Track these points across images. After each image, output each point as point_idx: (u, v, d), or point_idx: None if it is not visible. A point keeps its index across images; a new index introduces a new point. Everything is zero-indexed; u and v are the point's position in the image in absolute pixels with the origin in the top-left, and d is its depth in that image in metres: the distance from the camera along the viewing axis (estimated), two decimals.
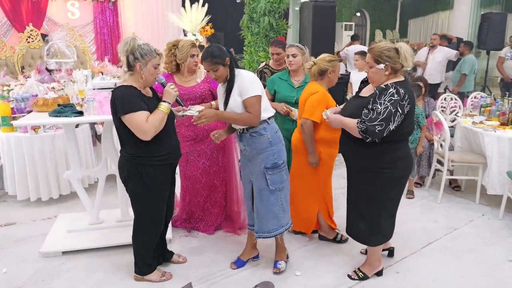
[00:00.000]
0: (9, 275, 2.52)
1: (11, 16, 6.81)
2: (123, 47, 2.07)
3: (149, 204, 2.26)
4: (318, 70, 2.58)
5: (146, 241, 2.35)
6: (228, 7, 9.36)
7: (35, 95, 3.64)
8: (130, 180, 2.21)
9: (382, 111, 2.01)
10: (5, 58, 6.14)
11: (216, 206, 3.01)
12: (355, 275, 2.44)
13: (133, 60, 2.08)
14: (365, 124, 2.03)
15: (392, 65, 2.08)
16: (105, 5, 7.61)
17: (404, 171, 2.23)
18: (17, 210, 3.47)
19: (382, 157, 2.15)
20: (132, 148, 2.14)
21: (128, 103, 2.05)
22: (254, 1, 4.74)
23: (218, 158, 2.94)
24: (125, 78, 2.15)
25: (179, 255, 2.64)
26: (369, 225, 2.31)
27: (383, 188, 2.22)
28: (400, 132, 2.10)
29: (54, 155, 3.52)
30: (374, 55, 2.10)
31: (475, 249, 2.80)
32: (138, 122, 2.04)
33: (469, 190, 3.82)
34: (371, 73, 2.15)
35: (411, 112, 2.11)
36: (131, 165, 2.17)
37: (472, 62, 5.97)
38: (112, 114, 2.14)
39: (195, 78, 2.86)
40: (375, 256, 2.43)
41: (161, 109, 2.13)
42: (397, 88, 2.03)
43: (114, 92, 2.11)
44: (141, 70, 2.09)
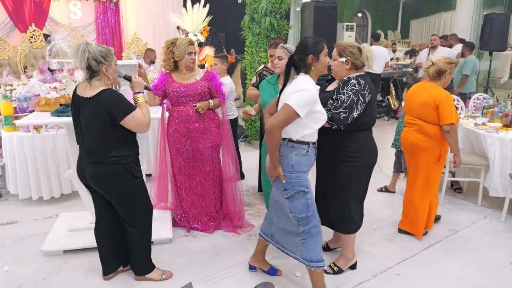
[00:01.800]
0: (11, 273, 2.53)
1: (14, 16, 6.83)
2: (82, 55, 1.98)
3: (144, 198, 2.30)
4: (437, 70, 2.77)
5: (149, 237, 2.38)
6: (229, 7, 9.37)
7: (37, 95, 3.65)
8: (121, 183, 2.16)
9: (345, 99, 2.19)
10: (7, 58, 6.16)
11: (212, 205, 3.02)
12: (330, 269, 2.49)
13: (97, 65, 2.03)
14: (330, 112, 2.18)
15: (353, 60, 2.26)
16: (106, 6, 7.63)
17: (370, 160, 2.38)
18: (19, 209, 3.48)
19: (348, 146, 2.29)
20: (122, 149, 2.13)
21: (124, 105, 2.07)
22: (255, 1, 4.74)
23: (212, 157, 2.95)
24: (94, 84, 2.05)
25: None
26: (340, 214, 2.40)
27: (351, 176, 2.33)
28: (362, 120, 2.25)
29: (55, 154, 3.53)
30: (339, 50, 2.30)
31: (477, 251, 2.80)
32: (140, 119, 2.10)
33: (471, 192, 3.81)
34: (334, 66, 2.33)
35: (372, 101, 2.26)
36: (120, 168, 2.13)
37: (474, 63, 5.95)
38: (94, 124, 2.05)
39: (194, 75, 2.88)
40: (348, 248, 2.50)
41: (142, 101, 2.20)
42: (358, 80, 2.23)
43: (102, 97, 2.02)
44: (107, 71, 2.07)
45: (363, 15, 13.95)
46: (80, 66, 2.04)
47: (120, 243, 2.39)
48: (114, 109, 2.03)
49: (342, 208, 2.39)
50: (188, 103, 2.83)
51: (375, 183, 4.07)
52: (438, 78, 2.81)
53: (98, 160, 2.11)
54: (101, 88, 2.06)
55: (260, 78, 3.22)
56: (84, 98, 2.07)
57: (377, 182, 4.09)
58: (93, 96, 2.04)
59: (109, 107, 2.02)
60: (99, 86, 2.07)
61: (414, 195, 2.92)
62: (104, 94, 2.04)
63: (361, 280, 2.46)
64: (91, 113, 2.06)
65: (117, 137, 2.11)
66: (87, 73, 2.06)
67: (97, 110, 2.04)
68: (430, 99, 2.75)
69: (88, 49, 2.00)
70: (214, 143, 2.93)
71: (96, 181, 2.17)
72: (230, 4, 9.28)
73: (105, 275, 2.42)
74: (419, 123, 2.85)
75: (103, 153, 2.10)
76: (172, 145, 2.92)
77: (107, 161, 2.11)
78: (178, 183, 3.01)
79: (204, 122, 2.88)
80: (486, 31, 6.94)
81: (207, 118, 2.90)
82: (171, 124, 2.90)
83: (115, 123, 2.06)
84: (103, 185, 2.18)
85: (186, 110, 2.84)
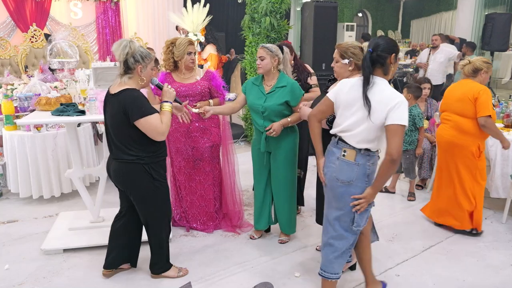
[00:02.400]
0: (11, 271, 2.53)
1: (15, 16, 6.84)
2: (123, 49, 2.04)
3: (161, 200, 2.29)
4: (473, 68, 2.84)
5: (165, 237, 2.39)
6: (229, 7, 9.36)
7: (38, 94, 3.66)
8: (138, 183, 2.18)
9: None
10: (9, 57, 6.17)
11: (211, 205, 3.02)
12: None
13: (134, 62, 2.07)
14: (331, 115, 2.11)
15: (356, 61, 2.21)
16: (107, 5, 7.63)
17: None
18: (19, 208, 3.49)
19: None
20: (138, 150, 2.14)
21: (143, 107, 2.07)
22: (255, 1, 4.74)
23: (212, 157, 2.95)
24: (123, 81, 2.11)
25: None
26: None
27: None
28: None
29: (56, 153, 3.53)
30: (341, 51, 2.24)
31: (477, 252, 2.79)
32: (155, 125, 2.08)
33: None
34: (336, 67, 2.29)
35: None
36: (138, 168, 2.15)
37: None
38: (114, 120, 2.10)
39: (194, 75, 2.88)
40: None
41: (166, 109, 2.18)
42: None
43: (120, 97, 2.06)
44: (141, 72, 2.10)
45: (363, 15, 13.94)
46: (118, 59, 2.09)
47: (133, 242, 2.43)
48: (129, 109, 2.04)
49: None
50: (189, 103, 2.83)
51: None
52: (474, 75, 2.87)
53: (119, 157, 2.16)
54: (127, 87, 2.08)
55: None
56: (110, 95, 2.12)
57: None
58: (116, 93, 2.08)
59: (125, 106, 2.05)
60: (129, 84, 2.10)
61: (456, 191, 2.96)
62: (124, 93, 2.07)
63: (360, 281, 2.46)
64: (112, 110, 2.10)
65: (133, 137, 2.11)
66: (122, 68, 2.10)
67: (117, 107, 2.07)
68: (468, 92, 2.81)
69: (129, 46, 2.05)
70: (214, 143, 2.93)
71: (116, 178, 2.23)
72: (230, 4, 9.28)
73: (105, 269, 2.43)
74: (455, 119, 2.90)
75: (123, 150, 2.14)
76: (172, 144, 2.93)
77: (126, 159, 2.14)
78: (178, 183, 3.02)
79: (204, 122, 2.89)
80: (488, 31, 6.94)
81: (207, 118, 2.89)
82: (171, 124, 2.89)
83: (130, 123, 2.07)
84: (122, 182, 2.23)
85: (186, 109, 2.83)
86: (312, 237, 2.95)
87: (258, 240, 2.91)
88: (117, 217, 2.41)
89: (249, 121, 5.31)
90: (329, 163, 2.04)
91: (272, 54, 2.60)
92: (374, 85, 1.88)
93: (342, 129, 1.98)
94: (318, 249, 2.73)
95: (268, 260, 2.66)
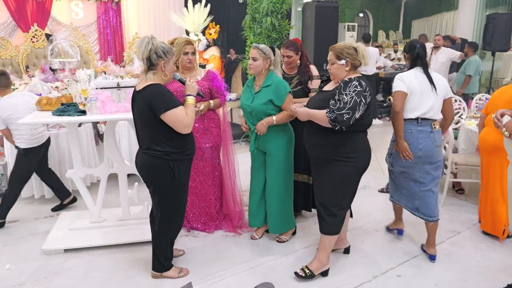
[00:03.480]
0: (12, 271, 2.53)
1: (16, 16, 6.85)
2: (145, 46, 2.09)
3: (177, 200, 2.30)
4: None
5: (171, 237, 2.39)
6: (230, 7, 9.36)
7: (39, 94, 3.66)
8: (160, 178, 2.20)
9: (349, 100, 2.17)
10: (10, 57, 6.18)
11: (212, 206, 3.02)
12: (302, 272, 2.47)
13: (157, 58, 2.11)
14: (334, 113, 2.17)
15: (352, 61, 2.28)
16: (108, 5, 7.64)
17: (365, 162, 2.37)
18: (20, 208, 3.48)
19: (346, 146, 2.29)
20: (166, 145, 2.16)
21: (168, 101, 2.11)
22: (256, 1, 4.74)
23: (212, 157, 2.95)
24: (148, 77, 2.15)
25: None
26: (331, 214, 2.38)
27: (346, 177, 2.33)
28: (361, 122, 2.25)
29: (57, 153, 3.53)
30: (336, 53, 2.29)
31: (479, 253, 2.78)
32: (181, 117, 2.11)
33: (473, 193, 3.79)
34: (333, 69, 2.33)
35: (371, 103, 2.27)
36: (163, 163, 2.17)
37: (477, 63, 5.92)
38: (141, 115, 2.15)
39: (195, 75, 2.87)
40: (326, 252, 2.46)
41: (190, 102, 2.23)
42: (359, 81, 2.23)
43: (146, 91, 2.10)
44: (164, 67, 2.15)
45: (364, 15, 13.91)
46: (141, 57, 2.12)
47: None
48: (155, 103, 2.07)
49: (334, 207, 2.37)
50: None
51: (376, 184, 4.07)
52: None
53: (147, 150, 2.19)
54: (151, 82, 2.12)
55: None
56: (136, 92, 2.17)
57: (378, 183, 4.08)
58: (141, 89, 2.12)
59: (151, 101, 2.07)
60: (154, 79, 2.13)
61: (494, 196, 2.92)
62: (149, 88, 2.10)
63: (362, 281, 2.46)
64: (139, 106, 2.14)
65: (160, 132, 2.14)
66: (146, 65, 2.13)
67: (142, 103, 2.11)
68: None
69: (152, 42, 2.09)
70: (214, 144, 2.93)
71: (140, 169, 2.26)
72: (231, 4, 9.28)
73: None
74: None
75: (150, 145, 2.17)
76: None
77: (153, 153, 2.17)
78: None
79: (205, 122, 2.88)
80: (489, 31, 6.91)
81: (207, 119, 2.89)
82: None
83: (156, 117, 2.10)
84: (144, 174, 2.25)
85: None
86: (313, 237, 2.94)
87: (259, 240, 2.91)
88: (151, 210, 2.44)
89: None
90: (424, 139, 2.50)
91: (265, 56, 2.62)
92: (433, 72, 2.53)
93: (426, 110, 2.50)
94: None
95: (269, 260, 2.66)
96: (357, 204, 3.57)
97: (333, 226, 2.42)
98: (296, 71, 3.00)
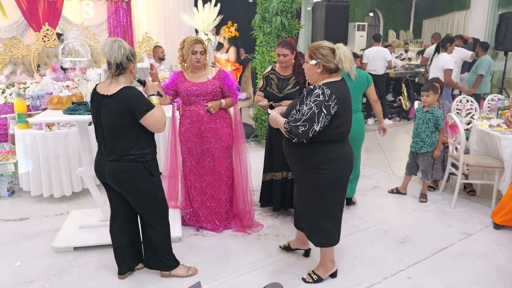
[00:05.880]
0: (22, 269, 2.56)
1: (28, 15, 6.93)
2: (118, 51, 2.05)
3: (162, 195, 2.31)
4: None
5: (167, 233, 2.39)
6: (240, 6, 9.35)
7: (50, 93, 3.69)
8: (139, 181, 2.19)
9: (306, 112, 2.03)
10: (21, 56, 6.25)
11: (222, 206, 3.01)
12: (309, 277, 2.41)
13: (127, 62, 2.11)
14: (290, 125, 2.06)
15: (325, 63, 2.08)
16: (118, 5, 7.69)
17: (340, 172, 2.21)
18: (31, 206, 3.53)
19: (315, 157, 2.15)
20: (141, 147, 2.16)
21: (145, 103, 2.12)
22: (266, 0, 4.72)
23: (223, 158, 2.94)
24: (119, 81, 2.11)
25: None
26: (310, 225, 2.32)
27: (320, 189, 2.20)
28: (330, 133, 2.11)
29: (67, 152, 3.56)
30: (310, 51, 2.13)
31: (490, 256, 2.73)
32: (159, 117, 2.13)
33: (484, 195, 3.73)
34: (306, 69, 2.19)
35: (341, 112, 2.10)
36: (139, 165, 2.16)
37: (489, 63, 5.83)
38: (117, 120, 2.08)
39: (206, 74, 2.86)
40: (327, 257, 2.40)
41: (156, 102, 2.21)
42: (323, 89, 2.04)
43: (123, 96, 2.06)
44: (134, 69, 2.17)
45: (374, 14, 13.80)
46: (112, 61, 2.07)
47: (134, 241, 2.41)
48: (135, 107, 2.07)
49: (312, 221, 2.29)
50: (200, 103, 2.82)
51: (386, 185, 4.03)
52: None
53: (117, 157, 2.15)
54: (123, 85, 2.11)
55: (267, 81, 3.12)
56: (105, 96, 2.10)
57: (388, 184, 4.04)
58: (114, 93, 2.08)
59: (130, 105, 2.06)
60: (124, 83, 2.13)
61: None
62: (125, 92, 2.09)
63: (371, 282, 2.43)
64: (112, 111, 2.09)
65: (136, 135, 2.13)
66: (116, 70, 2.09)
67: (118, 107, 2.07)
68: None
69: (123, 46, 2.08)
70: (226, 144, 2.91)
71: (115, 179, 2.19)
72: (241, 3, 9.26)
73: (120, 274, 2.42)
74: None
75: (124, 150, 2.14)
76: (184, 145, 2.93)
77: (127, 158, 2.14)
78: (189, 183, 3.01)
79: (216, 122, 2.87)
80: (502, 30, 6.80)
81: (219, 118, 2.88)
82: (183, 124, 2.90)
83: (135, 120, 2.09)
84: (122, 183, 2.19)
85: (197, 109, 2.83)
86: None
87: (268, 241, 2.90)
88: (111, 220, 2.38)
89: (259, 121, 5.30)
90: None
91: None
92: None
93: None
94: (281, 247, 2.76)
95: (278, 260, 2.64)
96: (367, 205, 3.56)
97: (313, 237, 2.34)
98: (291, 72, 3.03)
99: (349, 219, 3.14)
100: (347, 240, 2.92)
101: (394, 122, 6.96)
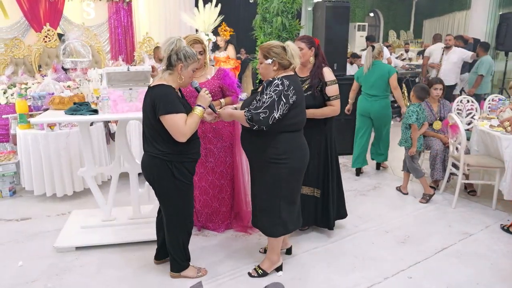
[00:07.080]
0: (24, 268, 2.57)
1: (29, 16, 6.94)
2: (169, 46, 2.11)
3: (182, 200, 2.28)
4: None
5: (183, 237, 2.38)
6: (241, 7, 9.37)
7: (52, 93, 3.70)
8: (161, 178, 2.20)
9: (266, 99, 2.16)
10: (23, 57, 6.26)
11: (224, 205, 3.02)
12: (255, 272, 2.46)
13: (176, 60, 2.12)
14: (250, 112, 2.16)
15: (279, 61, 2.23)
16: (119, 6, 7.69)
17: (299, 163, 2.32)
18: (33, 206, 3.54)
19: (277, 147, 2.24)
20: (165, 145, 2.16)
21: (170, 104, 2.10)
22: (267, 1, 4.73)
23: (225, 157, 2.94)
24: (163, 76, 2.17)
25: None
26: (270, 216, 2.35)
27: (281, 178, 2.27)
28: (288, 122, 2.22)
29: (68, 152, 3.57)
30: (263, 52, 2.27)
31: (491, 256, 2.74)
32: (178, 124, 2.09)
33: (485, 195, 3.73)
34: (261, 69, 2.31)
35: (298, 103, 2.23)
36: (161, 163, 2.17)
37: (489, 63, 5.83)
38: (145, 111, 2.17)
39: (205, 74, 2.86)
40: (274, 251, 2.46)
41: (196, 113, 2.19)
42: (282, 80, 2.19)
43: (153, 90, 2.12)
44: (181, 71, 2.15)
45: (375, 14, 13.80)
46: (163, 55, 2.15)
47: None
48: (158, 104, 2.09)
49: (272, 209, 2.33)
50: None
51: (386, 185, 4.03)
52: None
53: (147, 149, 2.21)
54: (164, 82, 2.14)
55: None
56: (149, 88, 2.20)
57: (389, 184, 4.05)
58: (153, 86, 2.15)
59: (155, 100, 2.09)
60: (168, 80, 2.16)
61: None
62: (157, 87, 2.13)
63: (372, 282, 2.44)
64: (145, 101, 2.17)
65: (159, 132, 2.15)
66: (165, 64, 2.16)
67: (148, 100, 2.14)
68: None
69: (176, 43, 2.12)
70: (227, 143, 2.92)
71: (142, 170, 2.27)
72: (241, 3, 9.28)
73: (155, 259, 2.57)
74: None
75: (151, 143, 2.18)
76: None
77: (152, 152, 2.18)
78: None
79: (217, 122, 2.87)
80: (502, 31, 6.81)
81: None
82: None
83: (156, 117, 2.11)
84: (145, 175, 2.26)
85: None
86: (321, 239, 2.93)
87: None
88: (158, 210, 2.46)
89: None
90: None
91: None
92: None
93: None
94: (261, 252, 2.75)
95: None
96: (367, 205, 3.57)
97: (272, 228, 2.37)
98: (308, 74, 2.76)
99: (350, 219, 3.15)
100: (347, 240, 2.93)
101: (394, 122, 6.96)
